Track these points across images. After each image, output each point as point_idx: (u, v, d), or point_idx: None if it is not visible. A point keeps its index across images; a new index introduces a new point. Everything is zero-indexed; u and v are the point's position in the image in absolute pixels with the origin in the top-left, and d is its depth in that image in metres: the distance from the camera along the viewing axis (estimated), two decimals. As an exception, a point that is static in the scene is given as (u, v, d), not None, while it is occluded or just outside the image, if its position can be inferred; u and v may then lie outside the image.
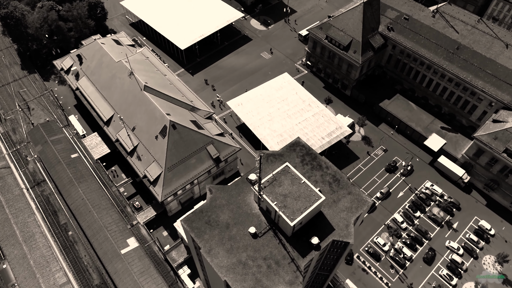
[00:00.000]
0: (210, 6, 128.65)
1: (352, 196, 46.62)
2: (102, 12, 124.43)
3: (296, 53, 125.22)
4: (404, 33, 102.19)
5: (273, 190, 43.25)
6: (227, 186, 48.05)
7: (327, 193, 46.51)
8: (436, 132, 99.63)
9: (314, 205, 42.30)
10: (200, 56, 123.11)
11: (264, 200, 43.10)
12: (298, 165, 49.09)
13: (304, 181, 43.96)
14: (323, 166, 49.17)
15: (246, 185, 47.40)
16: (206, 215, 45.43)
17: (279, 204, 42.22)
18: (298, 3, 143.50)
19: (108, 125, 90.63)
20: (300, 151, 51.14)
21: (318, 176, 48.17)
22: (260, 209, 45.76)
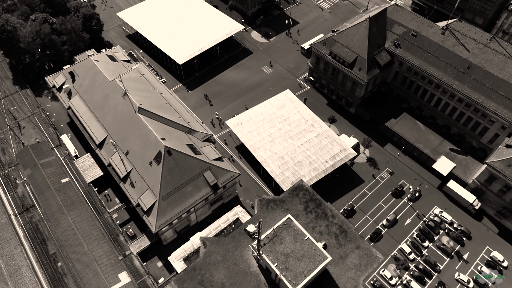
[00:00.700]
0: (209, 17, 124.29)
1: (360, 251, 42.23)
2: (98, 24, 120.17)
3: (298, 67, 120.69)
4: (412, 50, 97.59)
5: (274, 249, 38.85)
6: (223, 239, 43.73)
7: (333, 247, 42.13)
8: (445, 154, 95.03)
9: (319, 267, 37.91)
10: (199, 70, 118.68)
11: (264, 260, 38.71)
12: (301, 213, 44.74)
13: (308, 237, 39.63)
14: (328, 214, 44.80)
15: (244, 237, 43.09)
16: (199, 274, 41.08)
17: (280, 265, 37.79)
18: (301, 14, 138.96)
19: (101, 147, 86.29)
20: (304, 197, 46.79)
21: (323, 226, 43.80)
22: (259, 266, 41.38)
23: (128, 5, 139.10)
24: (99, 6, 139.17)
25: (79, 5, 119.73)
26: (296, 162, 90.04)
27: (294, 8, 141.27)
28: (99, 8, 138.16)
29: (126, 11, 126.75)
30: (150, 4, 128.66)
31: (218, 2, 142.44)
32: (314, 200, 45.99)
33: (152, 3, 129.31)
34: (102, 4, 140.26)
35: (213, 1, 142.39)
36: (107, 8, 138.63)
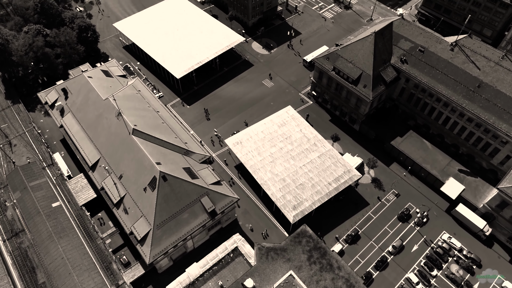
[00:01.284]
0: (209, 28, 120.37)
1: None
2: (94, 36, 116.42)
3: (301, 81, 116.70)
4: (419, 67, 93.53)
5: (274, 313, 35.06)
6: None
7: (340, 306, 38.26)
8: (454, 176, 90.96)
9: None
10: (198, 84, 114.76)
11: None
12: (304, 264, 40.86)
13: (313, 299, 35.72)
14: (334, 266, 40.90)
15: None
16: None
17: (281, 333, 34.02)
18: (303, 24, 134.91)
19: (94, 170, 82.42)
20: (307, 244, 42.90)
21: (328, 280, 39.90)
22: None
23: (126, 14, 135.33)
24: (95, 15, 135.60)
25: (74, 15, 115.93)
26: (298, 184, 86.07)
27: (296, 18, 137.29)
28: (96, 17, 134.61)
29: (123, 21, 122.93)
30: (148, 14, 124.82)
31: (218, 12, 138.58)
32: (318, 248, 42.08)
33: (150, 13, 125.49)
34: (99, 13, 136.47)
35: (212, 11, 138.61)
36: (104, 17, 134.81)
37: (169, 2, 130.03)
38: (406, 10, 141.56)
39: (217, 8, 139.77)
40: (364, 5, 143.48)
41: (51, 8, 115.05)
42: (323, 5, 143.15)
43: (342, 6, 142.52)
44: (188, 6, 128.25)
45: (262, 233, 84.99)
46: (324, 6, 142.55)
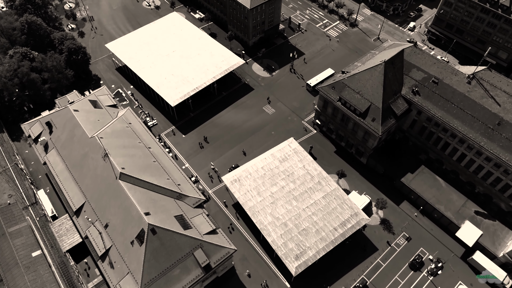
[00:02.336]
0: (206, 49, 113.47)
1: None
2: (84, 58, 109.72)
3: (304, 107, 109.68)
4: (433, 99, 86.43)
5: None
6: None
7: None
8: (470, 218, 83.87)
9: None
10: (194, 110, 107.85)
11: None
12: None
13: None
14: None
15: None
16: None
17: None
18: (307, 44, 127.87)
19: (78, 215, 75.68)
20: None
21: None
22: None
23: (120, 32, 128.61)
24: (88, 33, 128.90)
25: (64, 37, 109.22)
26: (301, 230, 79.10)
27: (299, 36, 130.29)
28: (88, 36, 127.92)
29: (116, 42, 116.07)
30: (142, 34, 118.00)
31: (216, 30, 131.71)
32: None
33: (145, 32, 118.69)
34: (92, 31, 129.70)
35: (211, 28, 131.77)
36: (97, 35, 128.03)
37: (166, 20, 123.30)
38: (416, 29, 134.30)
39: (216, 26, 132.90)
40: (371, 23, 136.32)
41: (39, 29, 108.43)
42: (328, 22, 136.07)
43: (347, 23, 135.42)
44: (186, 25, 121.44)
45: (262, 284, 78.07)
46: (328, 24, 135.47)
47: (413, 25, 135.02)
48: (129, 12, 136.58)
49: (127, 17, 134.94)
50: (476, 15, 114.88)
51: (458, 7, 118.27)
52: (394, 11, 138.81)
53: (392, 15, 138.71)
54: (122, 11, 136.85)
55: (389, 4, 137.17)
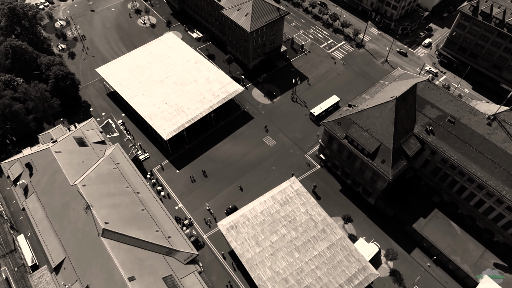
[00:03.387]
0: (204, 75, 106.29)
1: None
2: (73, 84, 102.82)
3: (307, 138, 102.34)
4: (448, 140, 78.98)
5: None
6: None
7: None
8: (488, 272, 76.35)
9: None
10: (189, 142, 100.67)
11: None
12: None
13: None
14: None
15: None
16: None
17: None
18: (310, 66, 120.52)
19: (57, 271, 68.65)
20: None
21: None
22: None
23: (113, 53, 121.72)
24: (79, 54, 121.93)
25: (51, 61, 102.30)
26: (303, 287, 71.84)
27: (302, 58, 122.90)
28: (79, 57, 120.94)
29: (107, 66, 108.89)
30: (135, 57, 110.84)
31: (215, 50, 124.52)
32: None
33: (138, 55, 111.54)
34: (83, 51, 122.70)
35: (209, 49, 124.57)
36: (88, 57, 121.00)
37: (160, 42, 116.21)
38: (426, 50, 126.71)
39: (214, 46, 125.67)
40: (378, 43, 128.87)
41: (25, 53, 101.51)
42: (333, 42, 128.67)
43: (353, 44, 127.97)
44: (182, 47, 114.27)
45: None
46: (333, 44, 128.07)
47: (428, 42, 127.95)
48: (123, 31, 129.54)
49: (121, 36, 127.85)
50: (492, 39, 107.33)
51: (472, 30, 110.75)
52: (403, 31, 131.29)
53: (401, 35, 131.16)
54: (116, 30, 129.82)
55: (398, 24, 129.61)
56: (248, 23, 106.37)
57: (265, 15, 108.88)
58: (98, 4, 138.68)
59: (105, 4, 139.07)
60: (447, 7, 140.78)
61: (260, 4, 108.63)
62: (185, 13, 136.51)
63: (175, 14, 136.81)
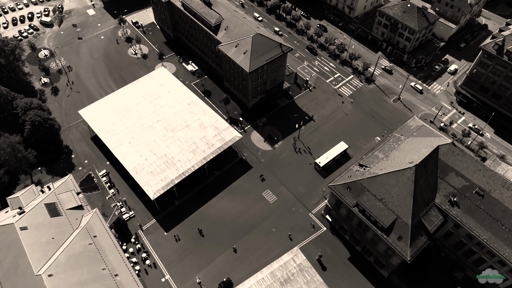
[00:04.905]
0: (198, 119, 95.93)
1: None
2: (52, 130, 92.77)
3: (311, 193, 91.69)
4: (476, 216, 68.19)
5: None
6: None
7: None
8: None
9: None
10: (180, 197, 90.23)
11: None
12: None
13: None
14: None
15: None
16: None
17: None
18: (315, 105, 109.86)
19: None
20: None
21: None
22: None
23: (100, 88, 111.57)
24: (63, 89, 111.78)
25: (28, 105, 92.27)
26: None
27: (307, 95, 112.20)
28: (63, 93, 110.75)
29: (91, 107, 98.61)
30: (123, 97, 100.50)
31: (211, 86, 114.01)
32: None
33: (125, 95, 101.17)
34: (67, 86, 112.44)
35: (205, 84, 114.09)
36: (73, 93, 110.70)
37: (152, 78, 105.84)
38: (442, 87, 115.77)
39: (210, 81, 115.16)
40: (389, 78, 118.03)
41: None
42: (340, 77, 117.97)
43: (362, 78, 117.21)
44: (174, 85, 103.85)
45: None
46: (341, 79, 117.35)
47: (454, 69, 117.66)
48: (112, 62, 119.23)
49: (109, 68, 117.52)
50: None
51: (496, 70, 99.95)
52: (417, 64, 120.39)
53: (414, 68, 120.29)
54: (104, 61, 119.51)
55: (412, 56, 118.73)
56: (247, 62, 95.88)
57: (266, 52, 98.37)
58: (86, 32, 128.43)
59: (94, 31, 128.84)
60: (464, 36, 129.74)
61: (261, 40, 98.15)
62: (180, 41, 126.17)
63: (169, 42, 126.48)
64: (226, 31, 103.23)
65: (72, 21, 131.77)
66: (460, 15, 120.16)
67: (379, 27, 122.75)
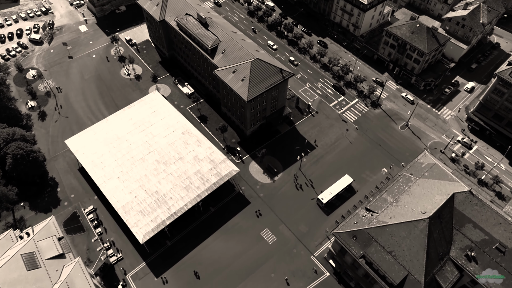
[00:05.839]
0: (191, 149, 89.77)
1: None
2: (36, 163, 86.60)
3: (313, 232, 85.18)
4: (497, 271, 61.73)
5: None
6: None
7: None
8: None
9: None
10: (173, 237, 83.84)
11: None
12: None
13: None
14: None
15: None
16: None
17: None
18: (318, 132, 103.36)
19: None
20: None
21: None
22: None
23: (89, 113, 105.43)
24: (50, 113, 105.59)
25: (10, 136, 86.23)
26: None
27: (309, 121, 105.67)
28: (50, 118, 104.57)
29: (79, 136, 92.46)
30: (113, 125, 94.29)
31: (207, 110, 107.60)
32: None
33: (116, 122, 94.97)
34: (56, 110, 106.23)
35: (201, 109, 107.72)
36: (61, 118, 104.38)
37: (144, 103, 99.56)
38: (453, 112, 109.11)
39: (207, 105, 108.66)
40: (397, 102, 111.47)
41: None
42: (344, 100, 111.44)
43: (368, 102, 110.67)
44: (168, 111, 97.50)
45: None
46: (345, 102, 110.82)
47: (471, 86, 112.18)
48: (103, 84, 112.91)
49: (100, 90, 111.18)
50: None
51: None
52: (426, 87, 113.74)
53: (423, 91, 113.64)
54: (95, 82, 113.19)
55: (420, 79, 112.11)
56: (245, 89, 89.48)
57: (266, 78, 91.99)
58: (77, 50, 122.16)
59: (86, 49, 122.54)
60: (475, 56, 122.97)
61: (260, 66, 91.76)
62: (175, 61, 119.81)
63: (164, 62, 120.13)
64: (224, 55, 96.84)
65: (63, 38, 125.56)
66: (472, 35, 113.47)
67: (385, 47, 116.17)
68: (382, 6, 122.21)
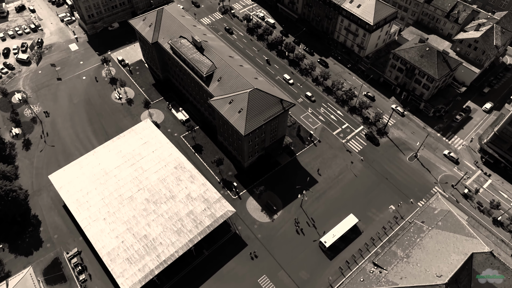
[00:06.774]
0: (184, 186, 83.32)
1: None
2: (16, 202, 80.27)
3: (315, 279, 78.48)
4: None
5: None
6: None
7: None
8: None
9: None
10: (162, 285, 77.28)
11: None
12: None
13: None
14: None
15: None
16: None
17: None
18: (321, 163, 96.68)
19: None
20: None
21: None
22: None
23: (77, 141, 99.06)
24: (36, 142, 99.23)
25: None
26: None
27: (311, 151, 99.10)
28: (35, 147, 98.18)
29: (63, 170, 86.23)
30: (100, 158, 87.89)
31: (203, 139, 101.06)
32: None
33: (104, 155, 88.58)
34: (41, 138, 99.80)
35: (196, 137, 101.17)
36: (46, 147, 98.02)
37: (135, 134, 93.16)
38: (465, 142, 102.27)
39: (203, 133, 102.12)
40: (404, 129, 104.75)
41: (-46, 163, 79.26)
42: (348, 127, 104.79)
43: (374, 130, 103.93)
44: (160, 142, 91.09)
45: None
46: (349, 130, 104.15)
47: (490, 107, 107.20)
48: (93, 109, 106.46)
49: (90, 116, 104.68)
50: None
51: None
52: (435, 113, 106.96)
53: (432, 118, 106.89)
54: (84, 107, 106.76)
55: (430, 105, 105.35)
56: (242, 123, 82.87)
57: (265, 110, 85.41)
58: (66, 71, 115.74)
59: (76, 70, 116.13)
60: (487, 79, 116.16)
61: (258, 96, 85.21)
62: (170, 83, 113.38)
63: (157, 84, 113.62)
64: (220, 83, 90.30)
65: (52, 57, 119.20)
66: (485, 58, 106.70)
67: (392, 70, 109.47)
68: (388, 26, 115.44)
